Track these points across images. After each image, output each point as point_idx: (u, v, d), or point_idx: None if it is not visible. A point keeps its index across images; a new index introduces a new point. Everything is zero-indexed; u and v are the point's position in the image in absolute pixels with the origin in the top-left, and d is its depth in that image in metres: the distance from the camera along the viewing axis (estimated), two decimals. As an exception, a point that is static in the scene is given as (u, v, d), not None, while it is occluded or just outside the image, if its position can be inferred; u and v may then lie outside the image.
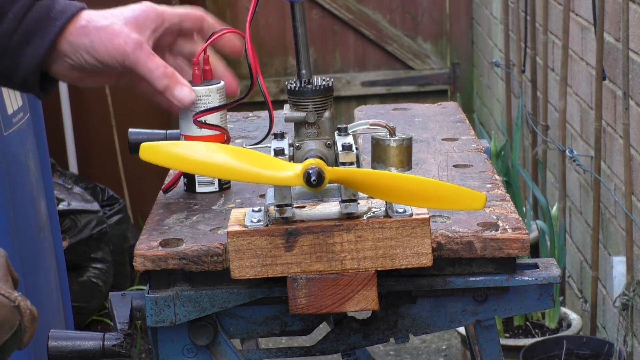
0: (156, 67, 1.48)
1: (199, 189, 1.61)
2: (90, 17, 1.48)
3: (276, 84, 5.49)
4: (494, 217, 1.42)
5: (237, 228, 1.33)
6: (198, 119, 1.53)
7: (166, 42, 1.56)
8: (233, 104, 1.56)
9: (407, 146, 1.39)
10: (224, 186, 1.62)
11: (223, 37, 1.53)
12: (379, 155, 1.40)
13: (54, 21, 1.47)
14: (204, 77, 1.55)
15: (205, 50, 1.54)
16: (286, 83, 1.42)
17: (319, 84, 1.41)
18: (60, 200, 3.74)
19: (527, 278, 1.41)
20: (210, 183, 1.61)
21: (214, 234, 1.42)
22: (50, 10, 1.47)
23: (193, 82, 1.53)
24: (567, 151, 3.26)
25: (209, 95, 1.54)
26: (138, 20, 1.50)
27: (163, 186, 1.62)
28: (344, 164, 1.31)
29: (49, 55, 1.48)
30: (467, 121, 1.95)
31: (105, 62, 1.48)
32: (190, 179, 1.62)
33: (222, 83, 1.56)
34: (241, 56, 1.55)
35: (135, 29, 1.49)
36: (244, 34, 1.49)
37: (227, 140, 1.56)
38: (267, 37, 5.57)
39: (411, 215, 1.34)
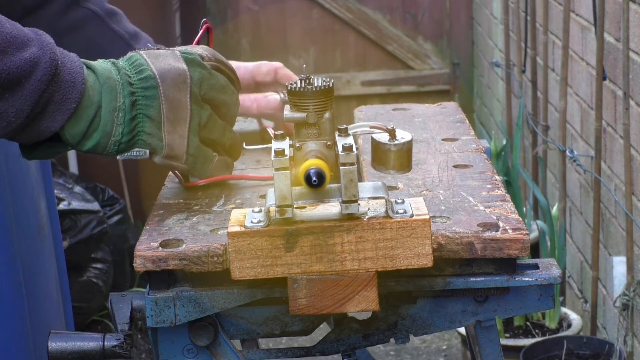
0: None
1: None
2: None
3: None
4: (494, 218, 1.42)
5: (238, 229, 1.33)
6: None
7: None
8: None
9: (407, 149, 1.39)
10: None
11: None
12: (379, 157, 1.40)
13: None
14: None
15: (197, 42, 1.62)
16: (287, 84, 1.42)
17: (320, 84, 1.41)
18: (60, 200, 3.73)
19: (528, 278, 1.41)
20: None
21: (214, 234, 1.42)
22: None
23: None
24: (567, 151, 3.26)
25: None
26: None
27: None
28: (344, 164, 1.31)
29: None
30: (467, 121, 1.95)
31: None
32: None
33: None
34: None
35: None
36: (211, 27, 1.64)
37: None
38: (267, 37, 5.57)
39: (412, 215, 1.33)
